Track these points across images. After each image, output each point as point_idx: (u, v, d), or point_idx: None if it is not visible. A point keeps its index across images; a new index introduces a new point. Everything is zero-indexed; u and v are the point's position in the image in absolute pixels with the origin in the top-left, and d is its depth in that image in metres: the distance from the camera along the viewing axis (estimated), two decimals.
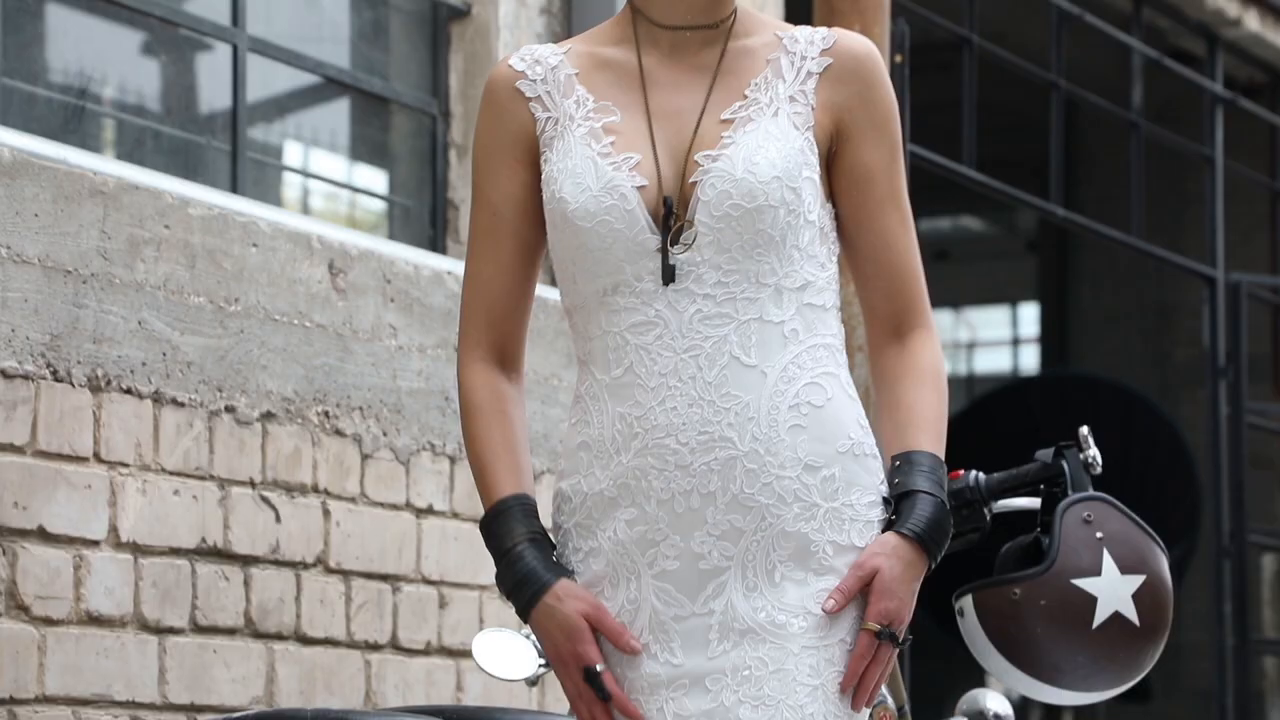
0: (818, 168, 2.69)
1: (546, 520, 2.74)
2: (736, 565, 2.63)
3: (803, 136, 2.67)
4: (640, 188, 2.66)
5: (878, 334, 2.76)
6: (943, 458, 2.71)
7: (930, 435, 2.70)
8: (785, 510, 2.63)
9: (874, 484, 2.69)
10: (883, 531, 2.67)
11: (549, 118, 2.72)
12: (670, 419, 2.64)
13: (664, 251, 2.64)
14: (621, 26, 2.75)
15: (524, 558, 2.66)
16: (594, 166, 2.66)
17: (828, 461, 2.66)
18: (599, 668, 2.64)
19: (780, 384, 2.65)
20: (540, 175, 2.73)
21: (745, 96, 2.69)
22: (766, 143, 2.65)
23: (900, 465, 2.69)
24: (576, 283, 2.71)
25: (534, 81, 2.73)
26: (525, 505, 2.69)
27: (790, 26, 2.75)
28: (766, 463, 2.63)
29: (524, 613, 2.67)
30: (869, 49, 2.73)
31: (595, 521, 2.68)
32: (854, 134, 2.71)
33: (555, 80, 2.73)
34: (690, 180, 2.66)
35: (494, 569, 2.70)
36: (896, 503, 2.67)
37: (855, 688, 2.64)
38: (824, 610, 2.62)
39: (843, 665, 2.63)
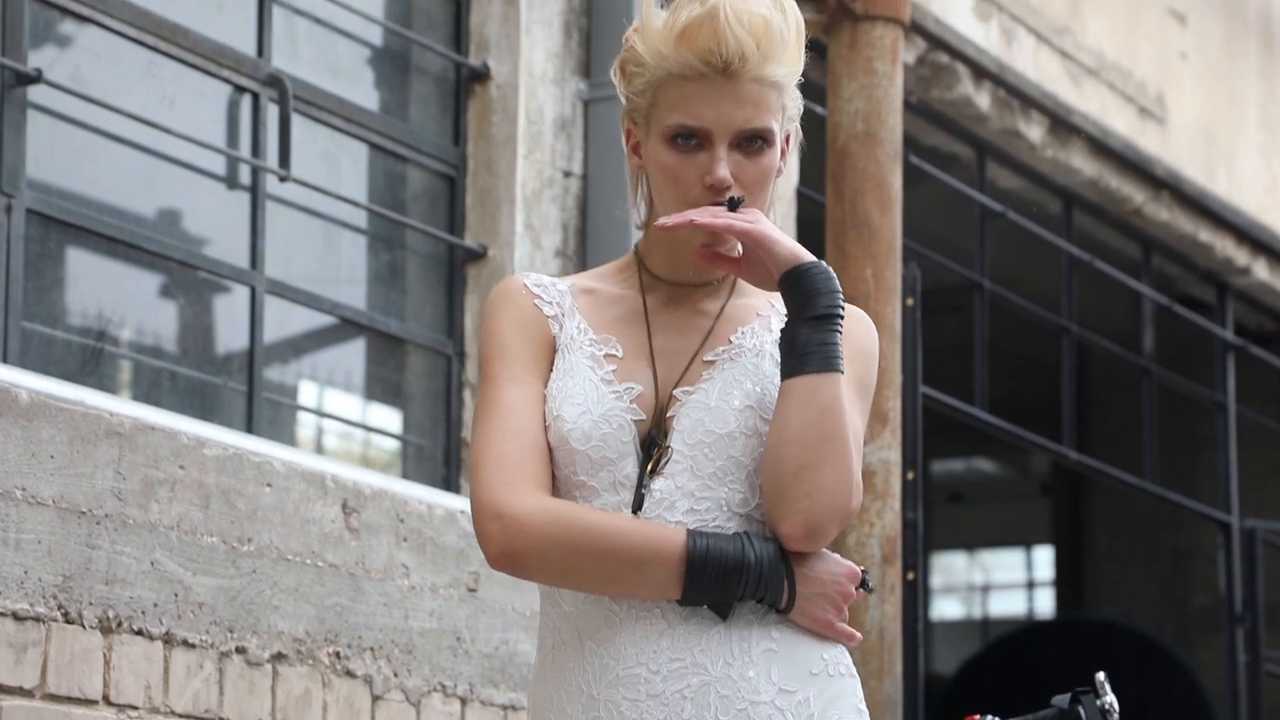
0: None
1: None
2: None
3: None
4: (637, 421, 2.69)
5: None
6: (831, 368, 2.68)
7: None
8: None
9: (853, 704, 2.68)
10: None
11: (559, 337, 2.75)
12: (641, 647, 2.63)
13: (639, 481, 2.66)
14: (625, 272, 2.82)
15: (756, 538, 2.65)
16: (596, 391, 2.69)
17: (801, 685, 2.64)
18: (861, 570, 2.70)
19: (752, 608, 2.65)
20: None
21: (730, 342, 2.75)
22: (743, 378, 2.70)
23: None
24: None
25: (550, 303, 2.77)
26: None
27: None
28: (740, 688, 2.62)
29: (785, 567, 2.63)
30: (857, 309, 2.80)
31: None
32: None
33: (562, 305, 2.77)
34: (669, 414, 2.69)
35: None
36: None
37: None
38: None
39: None
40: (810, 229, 6.08)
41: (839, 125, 5.39)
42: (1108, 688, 3.44)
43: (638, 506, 2.66)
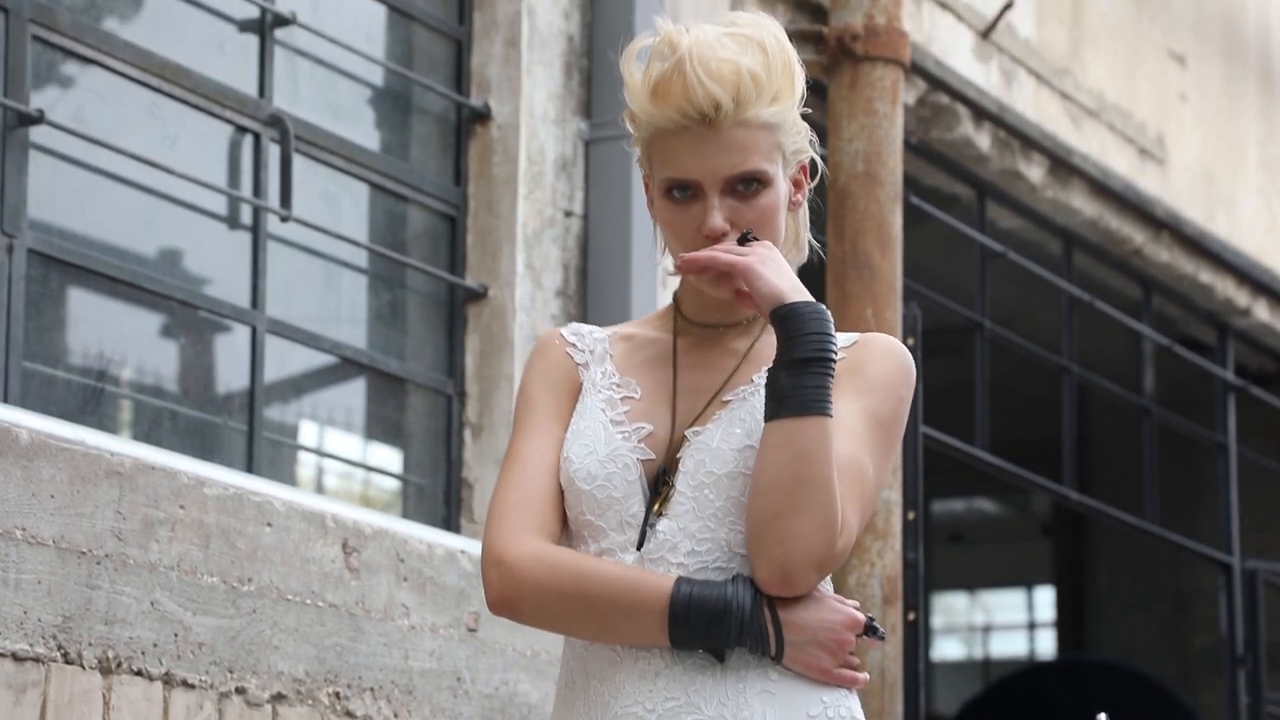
0: None
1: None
2: None
3: None
4: (645, 460, 2.70)
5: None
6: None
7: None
8: None
9: None
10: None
11: (584, 383, 2.78)
12: (638, 686, 2.63)
13: (645, 518, 2.67)
14: (664, 318, 2.84)
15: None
16: (604, 431, 2.71)
17: None
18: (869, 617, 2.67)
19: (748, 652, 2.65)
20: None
21: (752, 381, 2.74)
22: (748, 417, 2.69)
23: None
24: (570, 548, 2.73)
25: (582, 351, 2.80)
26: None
27: None
28: None
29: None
30: (889, 339, 2.79)
31: None
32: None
33: (595, 353, 2.80)
34: (678, 455, 2.70)
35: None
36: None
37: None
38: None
39: None
40: (810, 269, 6.09)
41: (839, 165, 5.40)
42: None
43: (640, 546, 2.67)
